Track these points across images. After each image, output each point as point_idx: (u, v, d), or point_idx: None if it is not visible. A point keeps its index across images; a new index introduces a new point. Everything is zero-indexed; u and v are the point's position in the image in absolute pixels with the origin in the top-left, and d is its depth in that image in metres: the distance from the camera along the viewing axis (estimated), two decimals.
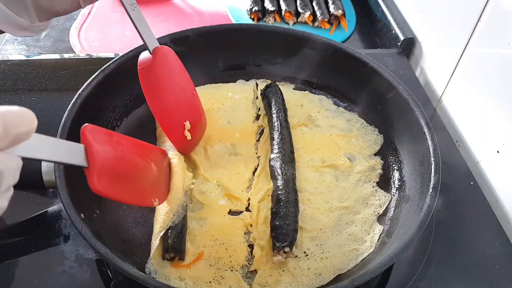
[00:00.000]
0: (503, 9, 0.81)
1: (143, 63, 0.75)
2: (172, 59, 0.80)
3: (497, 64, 0.83)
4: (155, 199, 0.66)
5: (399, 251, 0.63)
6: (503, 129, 0.82)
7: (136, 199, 0.65)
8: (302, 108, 0.94)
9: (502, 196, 0.83)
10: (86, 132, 0.53)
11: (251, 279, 0.69)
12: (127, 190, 0.61)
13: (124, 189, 0.60)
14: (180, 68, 0.82)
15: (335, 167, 0.84)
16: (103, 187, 0.55)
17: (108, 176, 0.56)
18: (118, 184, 0.58)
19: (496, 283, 0.71)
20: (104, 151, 0.55)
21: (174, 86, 0.79)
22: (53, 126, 0.74)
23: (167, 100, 0.77)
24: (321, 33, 1.16)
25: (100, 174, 0.54)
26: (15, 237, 0.75)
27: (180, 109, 0.80)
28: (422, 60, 1.10)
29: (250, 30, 1.01)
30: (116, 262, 0.60)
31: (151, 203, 0.66)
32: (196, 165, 0.83)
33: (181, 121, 0.79)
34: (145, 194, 0.65)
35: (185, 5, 1.34)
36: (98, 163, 0.53)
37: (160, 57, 0.75)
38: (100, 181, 0.54)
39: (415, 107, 0.81)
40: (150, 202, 0.66)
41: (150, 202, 0.66)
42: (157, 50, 0.75)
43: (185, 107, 0.82)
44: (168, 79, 0.78)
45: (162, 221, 0.70)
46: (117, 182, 0.58)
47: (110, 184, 0.56)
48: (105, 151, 0.55)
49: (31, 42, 1.18)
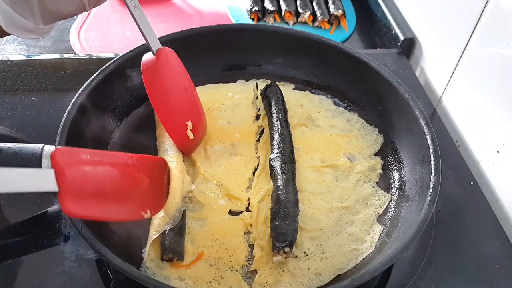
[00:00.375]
0: (503, 9, 0.81)
1: (147, 64, 0.75)
2: (174, 60, 0.81)
3: (497, 64, 0.83)
4: (146, 211, 0.64)
5: (399, 251, 0.63)
6: (503, 129, 0.82)
7: (121, 215, 0.63)
8: (302, 108, 0.94)
9: (502, 196, 0.83)
10: (56, 156, 0.52)
11: (251, 279, 0.69)
12: (108, 208, 0.59)
13: (104, 208, 0.58)
14: (182, 69, 0.83)
15: (335, 167, 0.84)
16: (77, 210, 0.53)
17: (83, 198, 0.54)
18: (96, 204, 0.57)
19: (496, 283, 0.71)
20: (76, 173, 0.53)
21: (177, 86, 0.80)
22: (53, 126, 0.74)
23: (170, 100, 0.78)
24: (321, 33, 1.16)
25: (73, 197, 0.52)
26: (15, 237, 0.75)
27: (182, 109, 0.81)
28: (422, 60, 1.10)
29: (250, 30, 1.01)
30: (116, 262, 0.60)
31: (140, 216, 0.64)
32: (196, 165, 0.83)
33: (184, 121, 0.79)
34: (132, 209, 0.63)
35: (185, 5, 1.34)
36: (69, 187, 0.51)
37: (163, 58, 0.76)
38: (73, 205, 0.52)
39: (415, 107, 0.81)
40: (139, 215, 0.64)
41: (139, 216, 0.64)
42: (160, 51, 0.76)
43: (187, 107, 0.82)
44: (171, 79, 0.79)
45: (157, 225, 0.70)
46: (94, 202, 0.56)
47: (86, 206, 0.55)
48: (77, 173, 0.53)
49: (31, 42, 1.18)
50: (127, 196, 0.63)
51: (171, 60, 0.79)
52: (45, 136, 0.86)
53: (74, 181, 0.52)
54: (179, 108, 0.80)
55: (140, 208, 0.64)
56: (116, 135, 0.87)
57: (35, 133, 0.89)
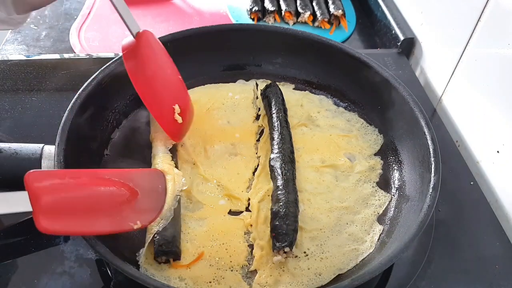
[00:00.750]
0: (503, 9, 0.81)
1: (127, 47, 0.74)
2: (155, 42, 0.79)
3: (497, 64, 0.83)
4: (135, 223, 0.64)
5: (399, 251, 0.63)
6: (503, 129, 0.82)
7: (106, 229, 0.63)
8: (302, 108, 0.94)
9: (502, 196, 0.83)
10: (29, 179, 0.55)
11: (251, 279, 0.69)
12: (89, 223, 0.61)
13: (84, 223, 0.60)
14: (164, 52, 0.81)
15: (335, 167, 0.84)
16: (52, 227, 0.56)
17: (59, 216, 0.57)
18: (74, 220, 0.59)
19: (496, 283, 0.71)
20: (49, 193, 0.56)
21: (160, 69, 0.78)
22: (53, 126, 0.74)
23: (155, 84, 0.76)
24: (321, 33, 1.16)
25: (47, 216, 0.55)
26: (15, 237, 0.75)
27: (168, 93, 0.79)
28: (422, 60, 1.10)
29: (250, 30, 1.01)
30: (116, 262, 0.60)
31: (129, 228, 0.64)
32: (196, 165, 0.83)
33: (171, 105, 0.78)
34: (118, 222, 0.64)
35: (185, 5, 1.34)
36: (43, 207, 0.55)
37: (144, 40, 0.75)
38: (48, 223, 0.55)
39: (415, 107, 0.81)
40: (127, 227, 0.64)
41: (127, 227, 0.64)
42: (141, 34, 0.75)
43: (173, 90, 0.81)
44: (153, 62, 0.77)
45: (149, 228, 0.70)
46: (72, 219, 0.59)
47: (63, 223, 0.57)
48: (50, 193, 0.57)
49: (31, 42, 1.18)
50: (110, 211, 0.64)
51: (152, 43, 0.77)
52: (45, 136, 0.86)
53: (48, 201, 0.56)
54: (165, 92, 0.78)
55: (128, 220, 0.64)
56: (116, 135, 0.87)
57: (35, 133, 0.89)
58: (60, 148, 0.70)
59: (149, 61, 0.75)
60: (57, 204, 0.57)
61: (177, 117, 0.78)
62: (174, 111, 0.78)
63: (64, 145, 0.71)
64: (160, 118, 0.77)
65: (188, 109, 0.83)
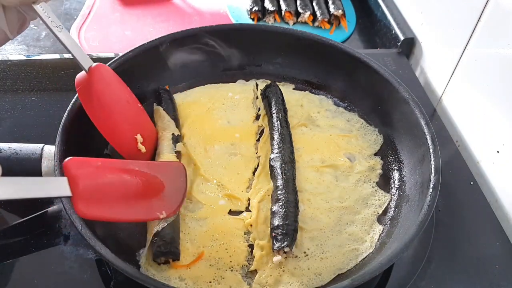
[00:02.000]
0: (503, 9, 0.81)
1: (80, 83, 0.72)
2: (109, 74, 0.77)
3: (497, 64, 0.83)
4: (161, 213, 0.68)
5: (399, 251, 0.63)
6: (503, 129, 0.82)
7: (135, 216, 0.67)
8: (302, 108, 0.94)
9: (502, 196, 0.83)
10: (68, 165, 0.57)
11: (251, 279, 0.69)
12: (121, 210, 0.63)
13: (117, 210, 0.63)
14: (120, 83, 0.79)
15: (335, 167, 0.84)
16: (90, 212, 0.58)
17: (95, 202, 0.59)
18: (108, 207, 0.61)
19: (496, 283, 0.71)
20: (87, 179, 0.59)
21: (117, 101, 0.77)
22: (53, 126, 0.74)
23: (112, 116, 0.75)
24: (321, 33, 1.16)
25: (85, 201, 0.57)
26: (15, 237, 0.75)
27: (128, 124, 0.78)
28: (422, 60, 1.10)
29: (250, 30, 1.01)
30: (116, 262, 0.60)
31: (156, 217, 0.68)
32: (196, 165, 0.83)
33: (132, 135, 0.77)
34: (146, 210, 0.67)
35: (185, 5, 1.34)
36: (81, 192, 0.57)
37: (97, 74, 0.73)
38: (86, 208, 0.57)
39: (415, 107, 0.81)
40: (154, 216, 0.68)
41: (154, 217, 0.68)
42: (93, 68, 0.72)
43: (133, 120, 0.80)
44: (109, 94, 0.76)
45: (150, 229, 0.70)
46: (107, 205, 0.61)
47: (98, 209, 0.60)
48: (88, 179, 0.59)
49: (31, 42, 1.18)
50: (140, 200, 0.66)
51: (105, 75, 0.76)
52: (45, 136, 0.86)
53: (86, 187, 0.58)
54: (124, 123, 0.77)
55: (155, 209, 0.68)
56: None
57: (35, 133, 0.89)
58: (60, 148, 0.70)
59: (103, 95, 0.74)
60: (94, 190, 0.60)
61: (140, 147, 0.78)
62: (137, 141, 0.77)
63: (64, 145, 0.71)
64: (122, 149, 0.77)
65: (151, 137, 0.82)
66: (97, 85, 0.73)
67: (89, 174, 0.60)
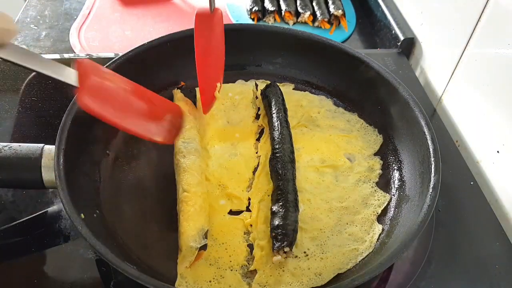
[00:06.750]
0: (503, 9, 0.81)
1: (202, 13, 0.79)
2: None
3: (497, 64, 0.83)
4: (157, 135, 0.72)
5: (399, 251, 0.63)
6: (503, 129, 0.82)
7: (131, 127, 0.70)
8: (302, 108, 0.94)
9: (502, 196, 0.83)
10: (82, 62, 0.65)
11: (250, 278, 0.69)
12: (121, 116, 0.68)
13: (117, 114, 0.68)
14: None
15: (335, 167, 0.84)
16: (91, 105, 0.63)
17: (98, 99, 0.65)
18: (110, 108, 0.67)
19: (496, 283, 0.71)
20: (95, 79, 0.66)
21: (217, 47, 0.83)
22: (53, 126, 0.74)
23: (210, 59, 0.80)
24: (321, 33, 1.16)
25: (89, 95, 0.64)
26: (15, 237, 0.75)
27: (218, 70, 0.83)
28: (422, 60, 1.10)
29: (250, 30, 1.01)
30: (116, 262, 0.60)
31: (150, 138, 0.72)
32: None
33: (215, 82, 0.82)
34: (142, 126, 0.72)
35: (185, 5, 1.34)
36: (87, 84, 0.63)
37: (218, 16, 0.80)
38: (88, 101, 0.63)
39: (415, 107, 0.81)
40: (149, 136, 0.72)
41: (149, 136, 0.72)
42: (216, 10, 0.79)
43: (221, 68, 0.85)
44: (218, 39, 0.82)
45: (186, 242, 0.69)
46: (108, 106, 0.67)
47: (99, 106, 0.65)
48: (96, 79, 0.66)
49: (31, 42, 1.18)
50: (140, 116, 0.72)
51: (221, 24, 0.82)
52: (45, 136, 0.86)
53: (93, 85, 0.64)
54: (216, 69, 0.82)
55: (152, 131, 0.73)
56: (117, 134, 0.87)
57: (35, 133, 0.89)
58: (60, 148, 0.70)
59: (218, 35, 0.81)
60: (99, 89, 0.66)
61: (217, 94, 0.83)
62: (216, 88, 0.82)
63: (64, 145, 0.71)
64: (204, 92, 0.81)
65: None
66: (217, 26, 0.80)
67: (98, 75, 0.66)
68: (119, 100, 0.69)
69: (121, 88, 0.70)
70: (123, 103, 0.70)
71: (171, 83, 0.94)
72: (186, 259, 0.68)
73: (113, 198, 0.77)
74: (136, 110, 0.72)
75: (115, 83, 0.70)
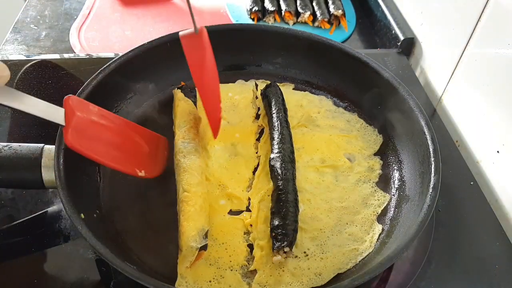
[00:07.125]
0: (503, 9, 0.81)
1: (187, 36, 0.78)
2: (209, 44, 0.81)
3: (497, 64, 0.83)
4: (140, 171, 0.75)
5: (399, 251, 0.63)
6: (503, 129, 0.82)
7: (116, 164, 0.73)
8: (302, 108, 0.94)
9: (502, 196, 0.83)
10: (69, 101, 0.68)
11: (250, 278, 0.69)
12: (105, 154, 0.71)
13: (101, 152, 0.71)
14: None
15: (335, 167, 0.84)
16: (77, 144, 0.67)
17: (84, 138, 0.68)
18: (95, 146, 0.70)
19: (496, 283, 0.71)
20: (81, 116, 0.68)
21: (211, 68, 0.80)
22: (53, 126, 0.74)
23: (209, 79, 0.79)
24: (321, 33, 1.16)
25: (75, 134, 0.66)
26: (15, 237, 0.75)
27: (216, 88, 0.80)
28: (422, 60, 1.10)
29: (250, 30, 1.01)
30: (116, 262, 0.60)
31: (134, 173, 0.75)
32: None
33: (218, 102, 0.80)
34: (128, 162, 0.75)
35: (185, 5, 1.33)
36: (73, 125, 0.66)
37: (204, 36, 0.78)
38: (74, 139, 0.66)
39: (415, 107, 0.81)
40: (133, 171, 0.75)
41: (133, 172, 0.75)
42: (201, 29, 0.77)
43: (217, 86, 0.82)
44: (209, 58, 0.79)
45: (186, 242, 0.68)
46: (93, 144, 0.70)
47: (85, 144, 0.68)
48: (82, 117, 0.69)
49: (31, 42, 1.18)
50: (124, 152, 0.75)
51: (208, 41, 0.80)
52: (45, 136, 0.86)
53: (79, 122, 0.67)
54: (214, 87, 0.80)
55: (136, 165, 0.75)
56: None
57: (35, 133, 0.89)
58: (60, 148, 0.70)
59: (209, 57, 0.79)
60: (85, 127, 0.68)
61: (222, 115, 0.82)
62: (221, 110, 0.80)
63: (64, 145, 0.71)
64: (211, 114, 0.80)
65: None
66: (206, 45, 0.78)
67: (85, 113, 0.69)
68: (105, 138, 0.72)
69: (107, 125, 0.74)
70: (109, 141, 0.73)
71: (171, 83, 0.94)
72: (187, 259, 0.68)
73: (113, 198, 0.77)
74: (121, 147, 0.75)
75: (102, 120, 0.73)
